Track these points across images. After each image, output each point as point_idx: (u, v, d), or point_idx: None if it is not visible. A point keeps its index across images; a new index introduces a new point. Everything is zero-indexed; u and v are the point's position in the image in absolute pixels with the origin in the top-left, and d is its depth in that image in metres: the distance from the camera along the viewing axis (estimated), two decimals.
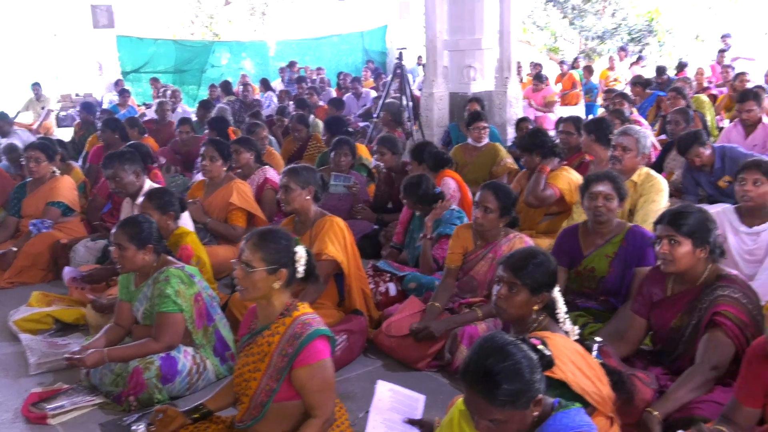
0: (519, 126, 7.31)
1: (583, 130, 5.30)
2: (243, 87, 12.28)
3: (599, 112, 10.06)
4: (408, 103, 8.10)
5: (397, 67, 8.25)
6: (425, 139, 7.81)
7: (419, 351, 3.63)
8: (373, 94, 11.71)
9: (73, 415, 3.22)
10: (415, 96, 8.94)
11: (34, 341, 3.93)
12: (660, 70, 11.30)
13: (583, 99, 11.53)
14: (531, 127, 6.73)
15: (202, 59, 17.00)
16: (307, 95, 11.11)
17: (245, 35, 22.15)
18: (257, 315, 2.65)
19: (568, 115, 6.42)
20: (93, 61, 18.13)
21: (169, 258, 3.47)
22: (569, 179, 4.86)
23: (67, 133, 11.22)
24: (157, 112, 9.35)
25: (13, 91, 15.38)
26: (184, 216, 4.31)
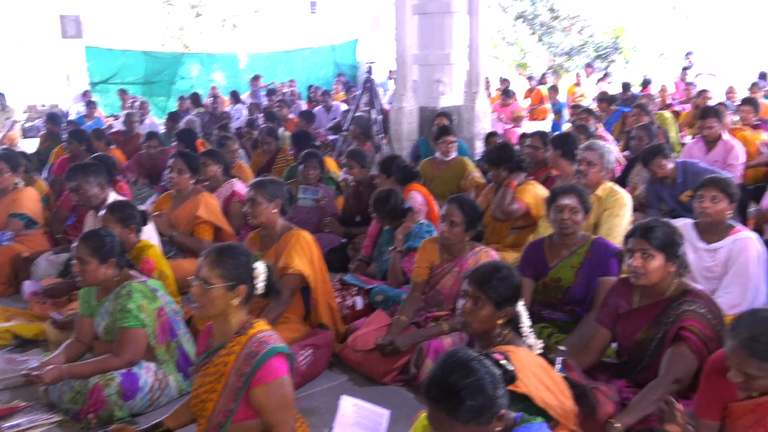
0: (488, 140, 7.39)
1: (550, 145, 5.38)
2: (212, 99, 12.21)
3: (565, 128, 10.23)
4: (377, 117, 8.12)
5: (367, 81, 8.29)
6: (394, 152, 7.85)
7: (385, 365, 3.62)
8: (343, 108, 11.73)
9: None
10: (384, 110, 8.97)
11: None
12: (625, 87, 11.53)
13: (552, 118, 11.67)
14: (500, 141, 6.81)
15: (171, 71, 16.85)
16: (277, 108, 11.09)
17: (216, 47, 22.04)
18: (213, 333, 2.61)
19: (534, 130, 6.51)
20: (61, 72, 17.89)
21: (132, 272, 3.42)
22: (535, 193, 4.92)
23: (33, 144, 11.04)
24: (124, 124, 9.25)
25: None
26: (148, 229, 4.27)
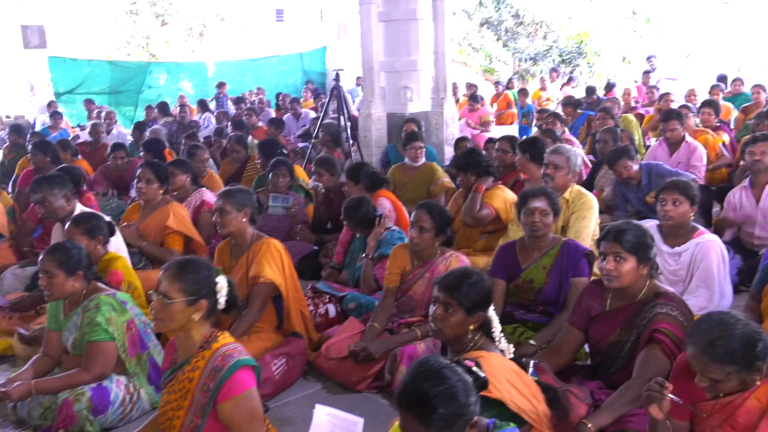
0: (458, 145, 7.44)
1: (518, 149, 5.45)
2: (180, 108, 12.11)
3: (533, 133, 10.35)
4: (346, 124, 8.14)
5: (335, 88, 8.29)
6: (364, 159, 7.87)
7: (359, 372, 3.62)
8: (312, 115, 11.71)
9: None
10: (353, 116, 8.99)
11: None
12: (590, 91, 11.71)
13: (520, 122, 11.78)
14: (469, 146, 6.87)
15: (138, 80, 16.67)
16: (246, 116, 11.04)
17: (183, 56, 21.89)
18: (177, 348, 2.58)
19: (502, 135, 6.58)
20: (24, 83, 17.59)
21: (100, 285, 3.38)
22: (504, 198, 4.97)
23: None
24: (91, 134, 9.11)
25: None
26: (117, 240, 4.21)
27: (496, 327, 2.71)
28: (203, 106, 13.62)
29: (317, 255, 5.44)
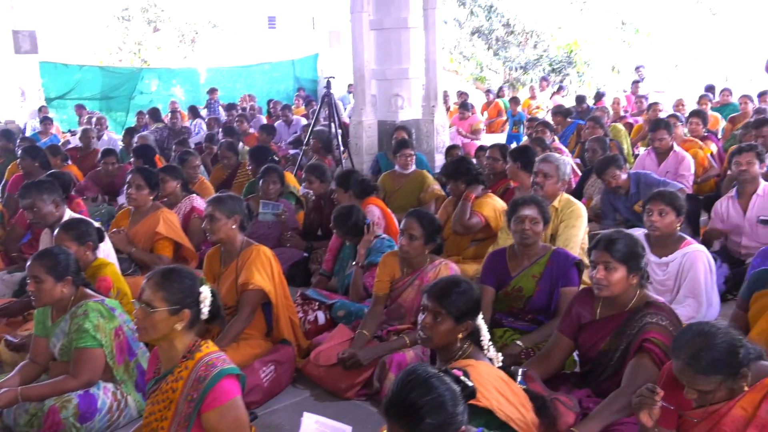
0: (449, 153, 7.49)
1: (509, 157, 5.49)
2: (171, 114, 12.09)
3: (524, 141, 10.40)
4: (337, 131, 8.16)
5: (325, 95, 8.31)
6: (354, 166, 7.89)
7: (348, 380, 3.61)
8: (303, 122, 11.73)
9: None
10: (344, 124, 9.01)
11: None
12: (579, 100, 11.80)
13: (511, 130, 11.84)
14: (460, 154, 6.91)
15: (130, 86, 16.66)
16: (237, 123, 11.04)
17: (175, 62, 21.89)
18: (160, 358, 2.57)
19: (493, 142, 6.62)
20: (15, 88, 17.52)
21: (88, 291, 3.36)
22: (494, 206, 5.00)
23: None
24: (81, 140, 9.08)
25: None
26: (106, 246, 4.20)
27: (485, 335, 2.72)
28: (194, 112, 13.62)
29: (307, 261, 5.44)
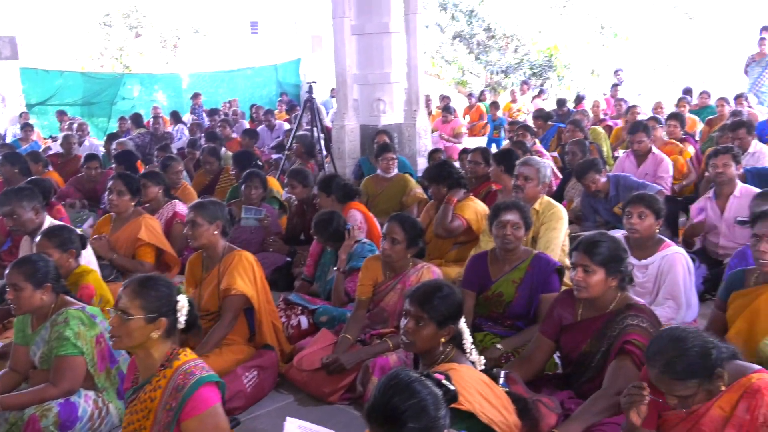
0: (432, 157, 7.53)
1: (493, 160, 5.53)
2: (154, 119, 12.03)
3: (504, 144, 10.48)
4: (320, 136, 8.17)
5: (308, 100, 8.32)
6: (337, 171, 7.90)
7: (331, 384, 3.61)
8: (286, 126, 11.72)
9: None
10: (327, 128, 9.03)
11: None
12: (560, 103, 11.92)
13: (491, 134, 11.90)
14: (443, 157, 6.95)
15: (111, 91, 16.56)
16: (220, 128, 11.01)
17: (157, 68, 21.78)
18: (137, 367, 2.55)
19: (475, 146, 6.67)
20: None
21: (68, 298, 3.33)
22: (476, 209, 5.02)
23: None
24: (62, 146, 9.00)
25: None
26: (87, 253, 4.18)
27: (467, 339, 2.73)
28: (176, 117, 13.56)
29: (290, 266, 5.44)
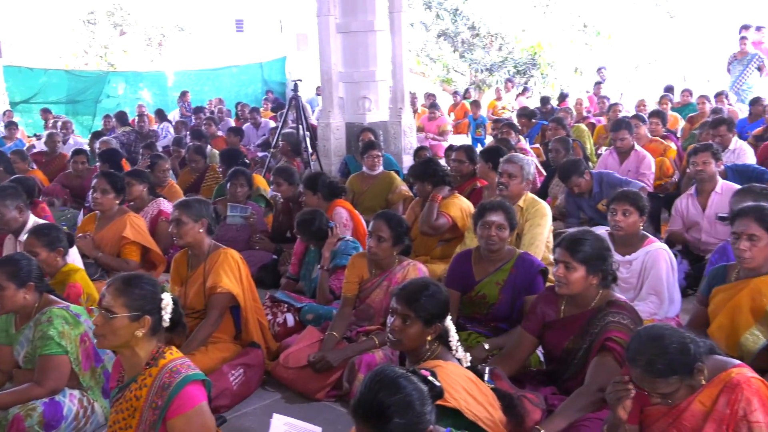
0: (417, 154, 7.56)
1: (480, 158, 5.58)
2: (139, 117, 11.97)
3: (489, 142, 10.56)
4: (305, 134, 8.17)
5: (293, 98, 8.32)
6: (323, 168, 7.90)
7: (318, 381, 3.62)
8: (272, 124, 11.70)
9: None
10: (312, 126, 9.03)
11: None
12: (544, 101, 12.00)
13: (474, 132, 11.94)
14: (428, 155, 6.98)
15: (96, 89, 16.47)
16: (206, 126, 10.97)
17: (142, 66, 21.65)
18: (123, 366, 2.54)
19: (460, 144, 6.70)
20: None
21: (52, 297, 3.31)
22: (461, 206, 5.05)
23: None
24: (47, 144, 8.94)
25: None
26: (72, 251, 4.16)
27: (453, 336, 2.75)
28: (161, 115, 13.50)
29: (276, 264, 5.44)
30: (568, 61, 18.75)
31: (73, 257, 4.21)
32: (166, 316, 2.51)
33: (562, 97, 13.55)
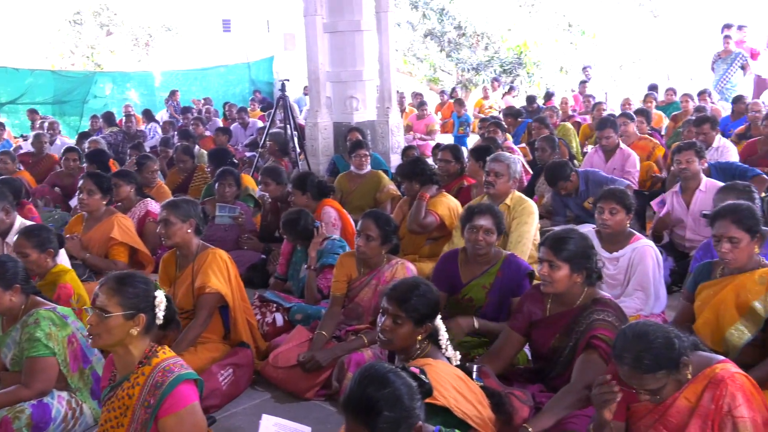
0: (405, 154, 7.59)
1: (471, 156, 5.63)
2: (126, 118, 11.91)
3: (468, 142, 10.62)
4: (293, 133, 8.17)
5: (281, 98, 8.32)
6: (311, 168, 7.91)
7: (307, 381, 3.63)
8: (260, 124, 11.68)
9: None
10: (300, 126, 9.03)
11: None
12: (530, 100, 12.07)
13: (456, 131, 11.97)
14: (416, 154, 7.00)
15: (83, 90, 16.34)
16: (193, 126, 10.94)
17: (129, 66, 21.54)
18: (115, 365, 2.54)
19: (445, 144, 6.73)
20: None
21: (39, 299, 3.30)
22: (448, 205, 5.08)
23: None
24: (33, 145, 8.87)
25: None
26: (60, 253, 4.15)
27: (443, 335, 2.77)
28: (149, 116, 13.45)
29: (265, 264, 5.44)
30: (554, 60, 18.83)
31: (61, 258, 4.19)
32: (160, 313, 2.52)
33: (548, 96, 13.63)
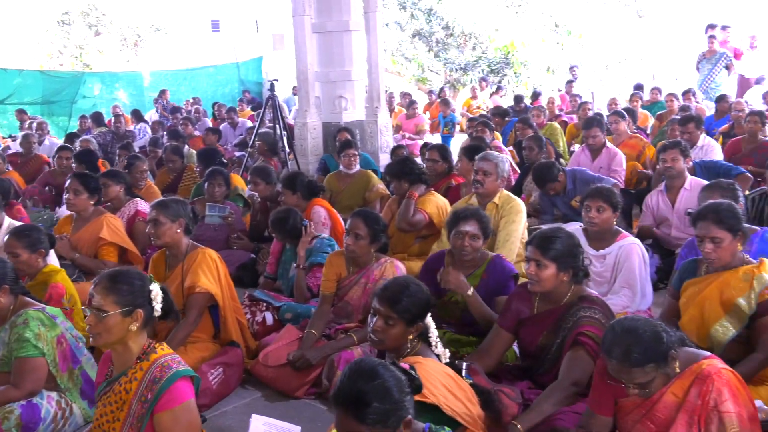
0: (394, 153, 7.62)
1: (462, 155, 5.67)
2: (115, 118, 11.87)
3: (452, 142, 10.66)
4: (282, 133, 8.17)
5: (270, 98, 8.32)
6: (300, 168, 7.92)
7: (297, 379, 3.64)
8: (249, 124, 11.68)
9: None
10: (289, 125, 9.04)
11: None
12: (517, 99, 12.13)
13: (442, 131, 12.01)
14: (405, 153, 7.04)
15: (72, 90, 16.25)
16: (182, 125, 10.92)
17: (118, 66, 21.44)
18: (112, 361, 2.55)
19: (433, 144, 6.76)
20: None
21: (28, 299, 3.30)
22: (437, 203, 5.11)
23: None
24: (22, 145, 8.83)
25: None
26: (50, 253, 4.14)
27: (433, 333, 2.79)
28: (138, 116, 13.40)
29: (255, 263, 5.45)
30: (541, 60, 18.96)
31: (51, 259, 4.18)
32: (158, 306, 2.54)
33: (535, 95, 13.71)
